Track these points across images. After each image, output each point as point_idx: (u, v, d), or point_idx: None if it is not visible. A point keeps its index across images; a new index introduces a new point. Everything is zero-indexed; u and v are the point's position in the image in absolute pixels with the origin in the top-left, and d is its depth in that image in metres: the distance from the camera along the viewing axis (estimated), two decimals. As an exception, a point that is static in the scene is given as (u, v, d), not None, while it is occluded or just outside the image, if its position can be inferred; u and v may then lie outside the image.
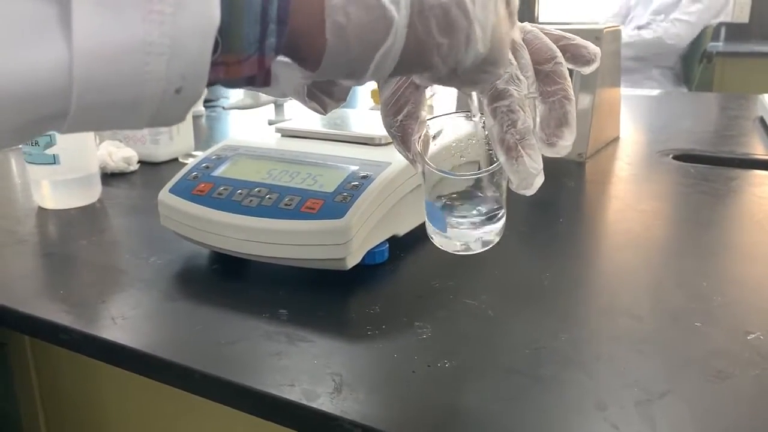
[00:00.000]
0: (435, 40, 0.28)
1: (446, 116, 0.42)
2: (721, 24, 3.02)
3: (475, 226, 0.39)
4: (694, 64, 2.53)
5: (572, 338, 0.45)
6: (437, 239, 0.41)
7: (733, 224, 0.70)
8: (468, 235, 0.40)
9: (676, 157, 0.94)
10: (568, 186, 0.82)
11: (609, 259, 0.60)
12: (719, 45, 3.05)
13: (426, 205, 0.40)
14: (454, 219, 0.39)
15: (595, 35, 0.89)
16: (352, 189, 0.52)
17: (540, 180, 0.35)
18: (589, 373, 0.41)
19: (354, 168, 0.55)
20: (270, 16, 0.25)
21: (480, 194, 0.39)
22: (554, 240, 0.65)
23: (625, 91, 1.57)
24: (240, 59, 0.25)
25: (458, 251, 0.40)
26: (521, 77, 0.34)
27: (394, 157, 0.55)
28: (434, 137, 0.41)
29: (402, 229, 0.57)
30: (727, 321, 0.47)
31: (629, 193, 0.79)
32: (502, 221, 0.40)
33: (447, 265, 0.55)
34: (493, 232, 0.40)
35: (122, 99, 0.23)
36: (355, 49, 0.27)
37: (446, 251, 0.41)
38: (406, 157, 0.39)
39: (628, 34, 2.40)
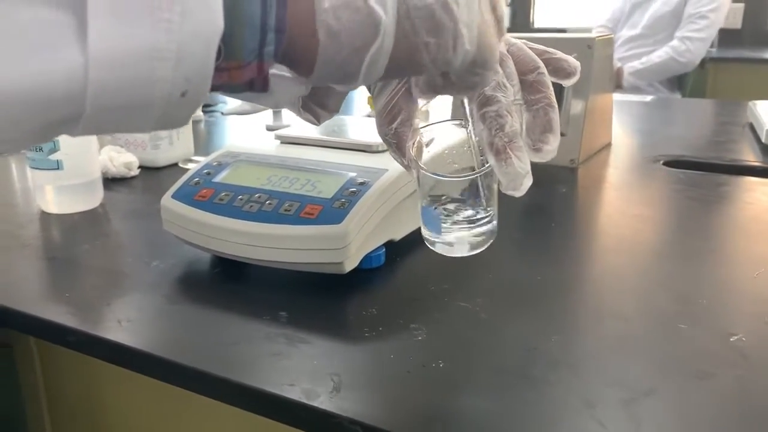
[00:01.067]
0: (422, 39, 0.29)
1: (439, 124, 0.43)
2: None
3: (469, 228, 0.41)
4: (687, 70, 2.55)
5: (563, 340, 0.46)
6: (432, 243, 0.42)
7: (720, 229, 0.72)
8: (462, 237, 0.41)
9: (667, 164, 0.96)
10: (561, 192, 0.83)
11: (599, 263, 0.62)
12: (712, 51, 3.07)
13: (421, 210, 0.42)
14: (448, 223, 0.41)
15: (587, 44, 0.91)
16: (350, 195, 0.54)
17: (528, 181, 0.36)
18: (578, 374, 0.42)
19: (352, 174, 0.56)
20: (269, 25, 0.26)
21: (472, 198, 0.41)
22: (546, 244, 0.66)
23: (618, 97, 1.59)
24: (241, 65, 0.27)
25: (453, 254, 0.42)
26: (507, 85, 0.36)
27: (390, 165, 0.57)
28: (428, 144, 0.42)
29: (398, 234, 0.59)
30: (711, 323, 0.48)
31: (620, 199, 0.81)
32: (494, 223, 0.42)
33: (442, 269, 0.57)
34: (485, 233, 0.42)
35: (132, 101, 0.25)
36: (346, 50, 0.28)
37: (442, 255, 0.42)
38: (401, 163, 0.41)
39: (640, 62, 2.41)
